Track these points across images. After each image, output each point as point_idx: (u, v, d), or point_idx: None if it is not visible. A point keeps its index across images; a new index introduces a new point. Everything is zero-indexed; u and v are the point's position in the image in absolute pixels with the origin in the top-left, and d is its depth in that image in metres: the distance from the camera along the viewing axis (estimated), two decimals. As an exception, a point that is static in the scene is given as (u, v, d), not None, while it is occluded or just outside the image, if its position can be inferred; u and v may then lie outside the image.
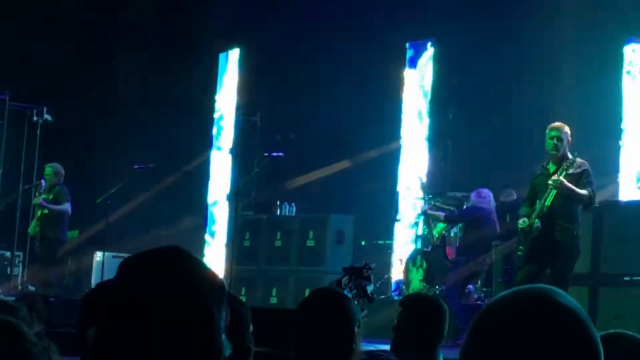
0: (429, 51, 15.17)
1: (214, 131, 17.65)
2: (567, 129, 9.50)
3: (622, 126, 12.86)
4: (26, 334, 3.61)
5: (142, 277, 1.94)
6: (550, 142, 9.46)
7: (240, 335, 3.50)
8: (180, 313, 1.90)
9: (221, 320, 1.95)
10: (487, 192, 12.10)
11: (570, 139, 9.49)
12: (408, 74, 15.36)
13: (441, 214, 12.73)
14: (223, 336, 1.96)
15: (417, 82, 15.23)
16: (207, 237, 17.19)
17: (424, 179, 13.82)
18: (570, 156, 9.41)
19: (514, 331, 1.71)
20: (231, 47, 17.58)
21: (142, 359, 1.88)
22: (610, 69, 12.99)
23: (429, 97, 15.10)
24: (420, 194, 13.64)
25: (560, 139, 9.41)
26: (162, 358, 1.88)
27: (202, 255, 17.09)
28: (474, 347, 1.76)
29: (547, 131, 9.53)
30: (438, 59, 15.03)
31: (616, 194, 12.43)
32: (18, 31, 16.97)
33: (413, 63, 15.35)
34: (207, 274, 1.98)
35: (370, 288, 7.71)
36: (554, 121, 9.67)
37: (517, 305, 1.75)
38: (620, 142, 12.84)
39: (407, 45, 15.45)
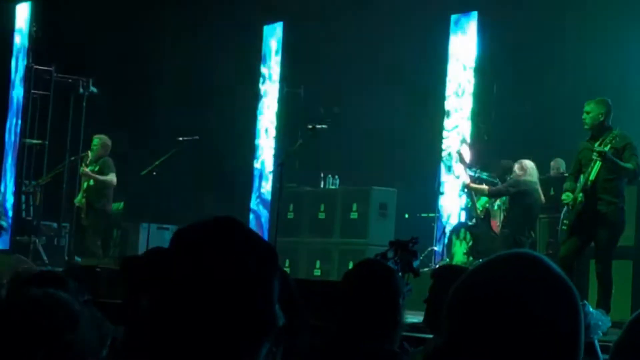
0: (474, 22, 15.06)
1: (258, 103, 17.68)
2: (603, 103, 9.46)
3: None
4: (71, 305, 3.69)
5: (196, 246, 1.97)
6: (584, 116, 9.48)
7: (292, 308, 3.53)
8: (234, 282, 1.93)
9: (274, 291, 1.98)
10: (530, 164, 12.04)
11: (607, 113, 9.43)
12: (452, 45, 15.27)
13: (485, 188, 12.68)
14: (277, 306, 1.98)
15: (462, 55, 15.15)
16: (251, 209, 17.25)
17: (463, 153, 13.77)
18: (613, 130, 9.37)
19: (495, 291, 1.73)
20: (275, 20, 17.58)
21: (196, 328, 1.92)
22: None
23: (473, 69, 15.01)
24: (460, 167, 13.57)
25: (589, 113, 9.40)
26: (217, 327, 1.92)
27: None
28: (456, 307, 1.77)
29: None
30: (482, 31, 14.93)
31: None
32: (63, 4, 17.09)
33: (457, 35, 15.24)
34: (260, 244, 2.01)
35: (416, 263, 7.71)
36: (597, 94, 9.65)
37: (498, 267, 1.77)
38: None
39: (452, 16, 15.35)
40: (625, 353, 1.84)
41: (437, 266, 10.09)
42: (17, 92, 17.85)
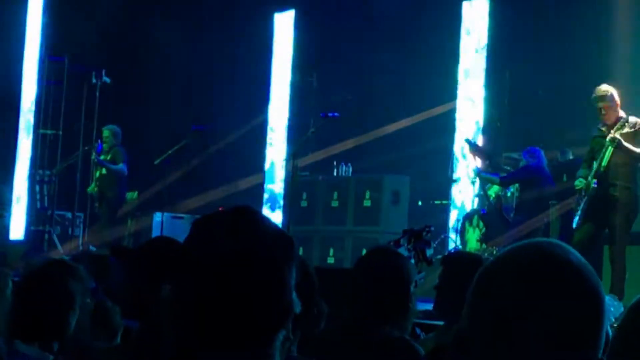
0: (485, 8, 15.02)
1: (271, 92, 17.69)
2: (610, 92, 9.43)
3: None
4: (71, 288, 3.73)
5: (214, 235, 1.99)
6: (602, 112, 9.45)
7: (308, 296, 3.55)
8: (252, 270, 1.95)
9: (291, 278, 2.00)
10: (538, 150, 12.02)
11: (617, 99, 9.41)
12: (464, 32, 15.23)
13: (496, 178, 12.62)
14: (294, 294, 2.00)
15: (474, 41, 15.12)
16: (264, 197, 17.28)
17: (474, 140, 13.74)
18: (624, 115, 9.35)
19: (513, 282, 1.74)
20: (286, 7, 17.58)
21: (214, 316, 1.94)
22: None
23: (485, 56, 14.98)
24: (471, 155, 13.53)
25: (604, 110, 9.38)
26: (235, 313, 1.94)
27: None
28: (476, 297, 1.79)
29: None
30: (494, 17, 14.89)
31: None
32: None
33: (469, 22, 15.21)
34: (277, 232, 2.03)
35: (429, 252, 7.71)
36: (609, 81, 9.63)
37: (516, 258, 1.78)
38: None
39: (463, 2, 15.31)
40: (627, 337, 1.86)
41: (447, 253, 10.07)
42: (31, 83, 17.92)
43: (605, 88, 9.47)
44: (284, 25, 17.68)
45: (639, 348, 1.84)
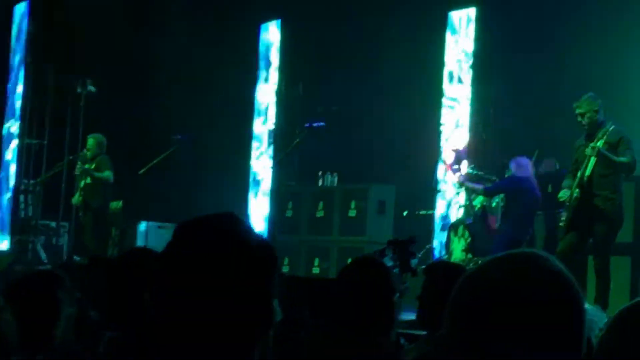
0: (472, 19, 15.05)
1: (256, 101, 17.68)
2: (593, 100, 9.43)
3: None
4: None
5: (196, 241, 1.98)
6: (579, 119, 9.48)
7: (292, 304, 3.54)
8: (232, 278, 1.94)
9: (273, 287, 1.99)
10: (526, 161, 12.03)
11: (599, 108, 9.41)
12: (449, 43, 15.26)
13: (479, 188, 12.61)
14: (275, 301, 1.99)
15: (460, 51, 15.14)
16: (250, 207, 17.26)
17: (448, 156, 13.77)
18: (606, 125, 9.36)
19: (493, 290, 1.74)
20: (272, 18, 17.58)
21: (193, 323, 1.93)
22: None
23: (470, 66, 15.01)
24: (457, 166, 13.54)
25: (584, 115, 9.39)
26: (214, 321, 1.93)
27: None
28: (455, 304, 1.79)
29: None
30: (480, 30, 14.92)
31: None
32: (60, 3, 17.08)
33: (455, 33, 15.24)
34: (258, 241, 2.02)
35: (414, 262, 7.71)
36: (593, 91, 9.64)
37: (497, 266, 1.78)
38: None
39: (449, 13, 15.34)
40: (609, 349, 1.86)
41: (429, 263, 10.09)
42: (15, 92, 17.86)
43: (587, 97, 9.49)
44: (270, 35, 17.68)
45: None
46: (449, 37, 15.24)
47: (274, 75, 17.52)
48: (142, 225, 15.14)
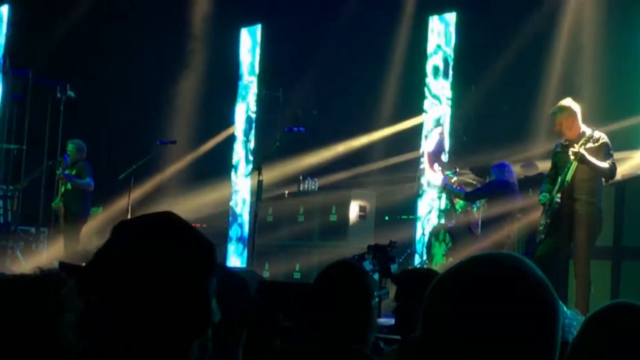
0: (452, 23, 15.08)
1: (237, 106, 17.66)
2: (568, 106, 9.40)
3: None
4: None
5: (132, 239, 1.96)
6: (557, 129, 9.46)
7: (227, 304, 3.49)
8: (167, 277, 1.92)
9: (210, 287, 1.96)
10: (508, 165, 12.05)
11: (577, 114, 9.39)
12: (430, 47, 15.28)
13: (461, 192, 12.61)
14: (213, 302, 1.97)
15: (440, 57, 15.16)
16: (230, 212, 17.22)
17: (437, 154, 13.76)
18: (588, 130, 9.35)
19: (465, 291, 1.72)
20: (254, 22, 17.57)
21: (128, 324, 1.90)
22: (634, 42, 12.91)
23: (451, 68, 15.03)
24: (436, 169, 13.53)
25: (562, 124, 9.37)
26: (149, 321, 1.90)
27: (227, 231, 17.14)
28: (429, 306, 1.77)
29: None
30: (460, 32, 14.94)
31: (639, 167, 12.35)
32: (40, 9, 17.01)
33: (435, 36, 15.26)
34: (197, 240, 1.99)
35: (394, 267, 7.68)
36: (575, 95, 9.64)
37: (470, 268, 1.77)
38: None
39: (430, 18, 15.36)
40: (580, 353, 1.85)
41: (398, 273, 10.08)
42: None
43: (565, 102, 9.47)
44: (251, 40, 17.65)
45: None
46: (429, 41, 15.26)
47: (254, 80, 17.50)
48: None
